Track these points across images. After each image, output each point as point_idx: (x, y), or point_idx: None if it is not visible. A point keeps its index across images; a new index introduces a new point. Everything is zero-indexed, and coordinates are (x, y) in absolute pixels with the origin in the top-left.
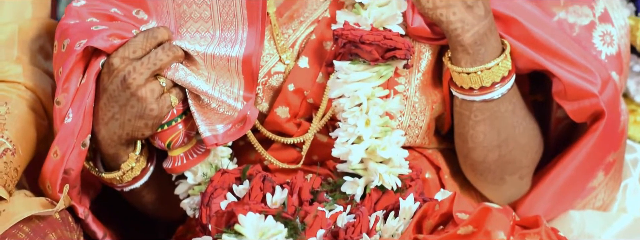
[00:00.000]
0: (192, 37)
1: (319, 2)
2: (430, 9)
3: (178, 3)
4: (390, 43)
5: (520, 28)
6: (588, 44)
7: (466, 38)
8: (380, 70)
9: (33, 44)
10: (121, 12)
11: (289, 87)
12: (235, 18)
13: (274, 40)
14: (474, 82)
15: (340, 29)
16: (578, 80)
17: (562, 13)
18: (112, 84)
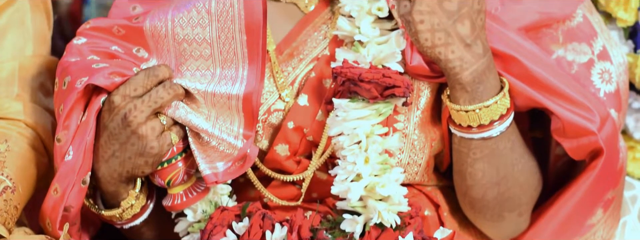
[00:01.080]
0: (193, 75)
1: (319, 40)
2: (428, 47)
3: (178, 41)
4: (389, 81)
5: (519, 66)
6: (587, 82)
7: (465, 76)
8: (380, 108)
9: (33, 81)
10: (122, 50)
11: (289, 125)
12: (236, 56)
13: (274, 77)
14: (473, 120)
15: (339, 67)
16: (577, 118)
17: (560, 50)
18: (112, 121)
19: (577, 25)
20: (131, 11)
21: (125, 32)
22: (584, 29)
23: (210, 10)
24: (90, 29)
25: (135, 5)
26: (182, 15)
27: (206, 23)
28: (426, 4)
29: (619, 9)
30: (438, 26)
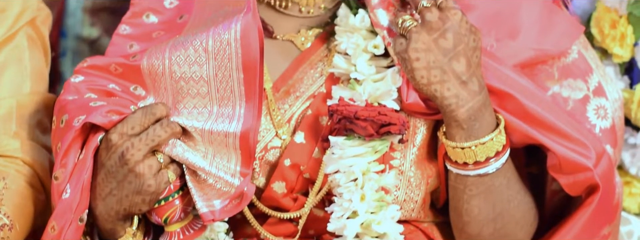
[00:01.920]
0: (190, 113)
1: (315, 78)
2: (424, 84)
3: (175, 79)
4: (384, 119)
5: (514, 103)
6: (582, 118)
7: (460, 113)
8: (376, 145)
9: (31, 118)
10: (119, 88)
11: (286, 162)
12: (233, 94)
13: (271, 115)
14: (469, 156)
15: (335, 105)
16: (572, 154)
17: (556, 87)
18: (110, 159)
19: (573, 61)
20: (128, 49)
21: (123, 71)
22: (580, 65)
23: (207, 48)
24: (87, 67)
25: (132, 43)
26: (180, 53)
27: (203, 61)
28: (422, 41)
29: (614, 45)
30: (434, 64)
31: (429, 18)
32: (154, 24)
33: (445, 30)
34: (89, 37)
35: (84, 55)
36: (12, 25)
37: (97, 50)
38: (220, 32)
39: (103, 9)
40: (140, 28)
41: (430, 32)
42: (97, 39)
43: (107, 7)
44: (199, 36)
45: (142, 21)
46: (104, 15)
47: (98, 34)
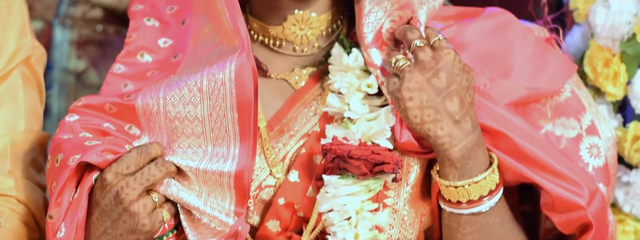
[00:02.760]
0: (184, 152)
1: (309, 116)
2: (418, 124)
3: (170, 119)
4: (378, 158)
5: (507, 141)
6: (575, 157)
7: (454, 152)
8: (369, 184)
9: (25, 157)
10: (114, 127)
11: (280, 201)
12: (227, 134)
13: (265, 154)
14: (462, 195)
15: (329, 144)
16: (566, 193)
17: (549, 125)
18: (104, 198)
19: (566, 100)
20: (123, 88)
21: (117, 110)
22: (572, 103)
23: (201, 88)
24: (82, 106)
25: (127, 82)
26: (174, 93)
27: (198, 101)
28: (415, 81)
29: (607, 84)
30: (427, 103)
31: (422, 57)
32: (148, 63)
33: (438, 69)
34: (75, 69)
35: (70, 88)
36: (6, 64)
37: (83, 82)
38: (214, 72)
39: (89, 41)
40: (135, 67)
41: (424, 72)
42: (84, 72)
43: (94, 40)
44: (193, 76)
45: (136, 60)
46: (91, 48)
47: (84, 67)
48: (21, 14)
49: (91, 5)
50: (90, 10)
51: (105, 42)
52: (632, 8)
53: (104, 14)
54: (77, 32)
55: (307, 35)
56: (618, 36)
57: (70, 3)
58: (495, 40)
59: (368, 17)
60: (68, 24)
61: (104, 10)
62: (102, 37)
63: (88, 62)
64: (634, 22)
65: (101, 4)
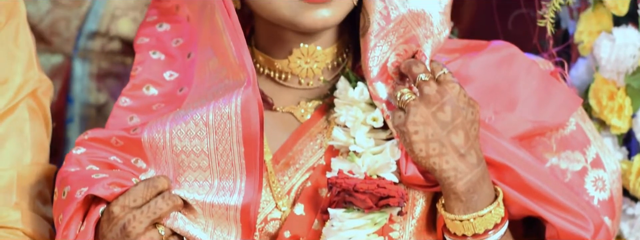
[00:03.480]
0: (191, 186)
1: (315, 149)
2: (423, 157)
3: (176, 153)
4: (383, 191)
5: (513, 175)
6: (580, 190)
7: (459, 186)
8: (375, 217)
9: (32, 189)
10: (120, 160)
11: (286, 234)
12: (234, 167)
13: (270, 187)
14: (467, 229)
15: (334, 178)
16: (571, 226)
17: (554, 159)
18: (111, 231)
19: (570, 133)
20: (128, 122)
21: (124, 144)
22: (577, 137)
23: (207, 122)
24: (88, 139)
25: (133, 115)
26: (180, 127)
27: (204, 135)
28: (420, 114)
29: (612, 117)
30: (432, 137)
31: (427, 91)
32: (154, 96)
33: (444, 103)
34: (96, 102)
35: (91, 121)
36: (13, 96)
37: (104, 115)
38: (220, 106)
39: (109, 74)
40: (141, 100)
41: (429, 106)
42: (105, 105)
43: (113, 73)
44: (199, 110)
45: (142, 93)
46: (111, 80)
47: (105, 100)
48: (28, 47)
49: (109, 38)
50: (108, 42)
51: (125, 74)
52: (636, 41)
53: (122, 46)
54: (96, 65)
55: (313, 68)
56: (623, 69)
57: (88, 36)
58: (500, 73)
59: (373, 51)
60: (88, 57)
61: (122, 42)
62: (122, 70)
63: (108, 94)
64: (638, 56)
65: (119, 37)
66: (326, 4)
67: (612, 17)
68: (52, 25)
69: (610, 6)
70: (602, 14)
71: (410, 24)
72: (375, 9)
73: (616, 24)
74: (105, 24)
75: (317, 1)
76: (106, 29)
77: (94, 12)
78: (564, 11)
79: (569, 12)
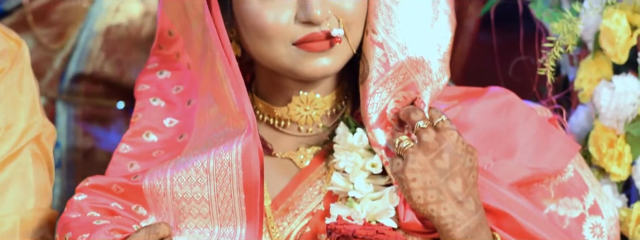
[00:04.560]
0: (191, 233)
1: (314, 195)
2: (421, 204)
3: (177, 200)
4: (382, 238)
5: (511, 222)
6: (579, 237)
7: (457, 233)
8: None
9: (35, 234)
10: (121, 207)
11: None
12: (234, 214)
13: (270, 232)
14: None
15: (334, 223)
16: None
17: (552, 205)
18: None
19: (569, 180)
20: (129, 168)
21: (124, 190)
22: (575, 183)
23: (208, 169)
24: (89, 186)
25: (133, 162)
26: (181, 174)
27: (204, 182)
28: (418, 162)
29: (612, 164)
30: (430, 184)
31: (425, 139)
32: (154, 142)
33: (442, 151)
34: (83, 147)
35: (77, 167)
36: (17, 142)
37: (91, 161)
38: (221, 153)
39: (94, 118)
40: (141, 147)
41: (427, 153)
42: (91, 150)
43: (98, 116)
44: (200, 157)
45: (142, 140)
46: (96, 124)
47: (91, 144)
48: (32, 93)
49: (93, 81)
50: (93, 85)
51: (110, 117)
52: (636, 90)
53: (106, 89)
54: (81, 109)
55: (312, 115)
56: (622, 117)
57: (73, 79)
58: (498, 120)
59: (372, 97)
60: (72, 101)
61: (106, 85)
62: (106, 113)
63: (94, 139)
64: (638, 104)
65: (103, 79)
66: (326, 52)
67: (612, 65)
68: (34, 66)
69: (610, 54)
70: (602, 62)
71: (409, 71)
72: (375, 56)
73: (616, 72)
74: (90, 66)
75: (317, 50)
76: (91, 71)
77: (78, 53)
78: (564, 58)
79: (569, 58)
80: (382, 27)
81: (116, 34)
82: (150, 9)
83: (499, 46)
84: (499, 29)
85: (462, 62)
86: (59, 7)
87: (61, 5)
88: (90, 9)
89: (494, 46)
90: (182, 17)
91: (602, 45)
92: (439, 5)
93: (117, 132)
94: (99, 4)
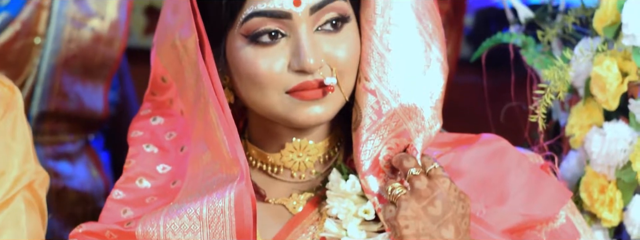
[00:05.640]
0: None
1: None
2: None
3: None
4: None
5: None
6: None
7: None
8: None
9: None
10: None
11: None
12: None
13: None
14: None
15: None
16: None
17: None
18: None
19: (560, 226)
20: (122, 214)
21: (118, 237)
22: (567, 230)
23: (201, 216)
24: (83, 233)
25: (126, 208)
26: (174, 221)
27: (197, 229)
28: (411, 209)
29: (603, 210)
30: (423, 231)
31: (418, 186)
32: (147, 189)
33: (434, 198)
34: (55, 188)
35: (51, 207)
36: (10, 188)
37: (62, 202)
38: (214, 200)
39: (61, 156)
40: (134, 193)
41: (419, 200)
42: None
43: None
44: (193, 204)
45: (135, 186)
46: (63, 163)
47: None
48: (25, 140)
49: (57, 118)
50: (56, 122)
51: (76, 154)
52: (627, 136)
53: (69, 125)
54: (49, 148)
55: (305, 162)
56: (614, 163)
57: (37, 118)
58: (491, 167)
59: (365, 144)
60: (39, 141)
61: (68, 120)
62: (72, 150)
63: (64, 179)
64: (629, 150)
65: (66, 115)
66: (319, 101)
67: (603, 111)
68: None
69: (601, 101)
70: (593, 108)
71: (402, 118)
72: (367, 103)
73: (607, 118)
74: (53, 103)
75: (310, 98)
76: (54, 108)
77: (39, 91)
78: (555, 103)
79: (560, 104)
80: (375, 74)
81: (73, 66)
82: (100, 34)
83: (490, 90)
84: (490, 73)
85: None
86: (13, 48)
87: (14, 45)
88: (44, 43)
89: (485, 90)
90: (176, 64)
91: (593, 92)
92: (431, 53)
93: (83, 167)
94: (50, 37)
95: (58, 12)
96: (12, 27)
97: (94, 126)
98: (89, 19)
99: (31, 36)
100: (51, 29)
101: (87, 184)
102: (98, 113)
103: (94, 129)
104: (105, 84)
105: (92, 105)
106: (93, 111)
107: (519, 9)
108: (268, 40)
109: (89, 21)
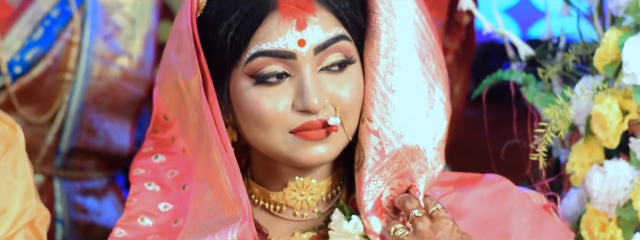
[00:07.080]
0: None
1: None
2: None
3: None
4: None
5: None
6: None
7: None
8: None
9: None
10: None
11: None
12: None
13: None
14: None
15: None
16: None
17: None
18: None
19: None
20: None
21: None
22: None
23: None
24: None
25: None
26: None
27: None
28: None
29: None
30: None
31: (420, 227)
32: (149, 227)
33: (437, 239)
34: (84, 222)
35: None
36: (11, 226)
37: (90, 236)
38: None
39: (90, 192)
40: (136, 231)
41: None
42: (91, 225)
43: (93, 190)
44: None
45: (137, 224)
46: (91, 199)
47: (90, 220)
48: (26, 177)
49: (85, 154)
50: (85, 158)
51: (103, 190)
52: (628, 174)
53: (97, 161)
54: (78, 183)
55: (308, 200)
56: (614, 201)
57: (67, 154)
58: (493, 207)
59: (368, 185)
60: (67, 176)
61: (96, 157)
62: (98, 186)
63: (91, 213)
64: (630, 188)
65: (94, 152)
66: (322, 140)
67: (603, 150)
68: (27, 144)
69: (601, 139)
70: (593, 146)
71: (405, 159)
72: (370, 144)
73: (608, 156)
74: (83, 139)
75: (314, 138)
76: (84, 144)
77: (69, 126)
78: (556, 140)
79: (560, 141)
80: (378, 115)
81: (102, 103)
82: (128, 72)
83: (491, 124)
84: (490, 107)
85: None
86: (44, 83)
87: (45, 80)
88: (74, 79)
89: (485, 125)
90: (178, 103)
91: (594, 130)
92: (434, 94)
93: (110, 204)
94: (80, 74)
95: (88, 50)
96: (44, 62)
97: (118, 164)
98: (117, 57)
99: (62, 72)
100: (81, 66)
101: (113, 220)
102: (124, 151)
103: (118, 166)
104: (131, 121)
105: (119, 143)
106: (119, 149)
107: (519, 46)
108: (274, 80)
109: (117, 59)
